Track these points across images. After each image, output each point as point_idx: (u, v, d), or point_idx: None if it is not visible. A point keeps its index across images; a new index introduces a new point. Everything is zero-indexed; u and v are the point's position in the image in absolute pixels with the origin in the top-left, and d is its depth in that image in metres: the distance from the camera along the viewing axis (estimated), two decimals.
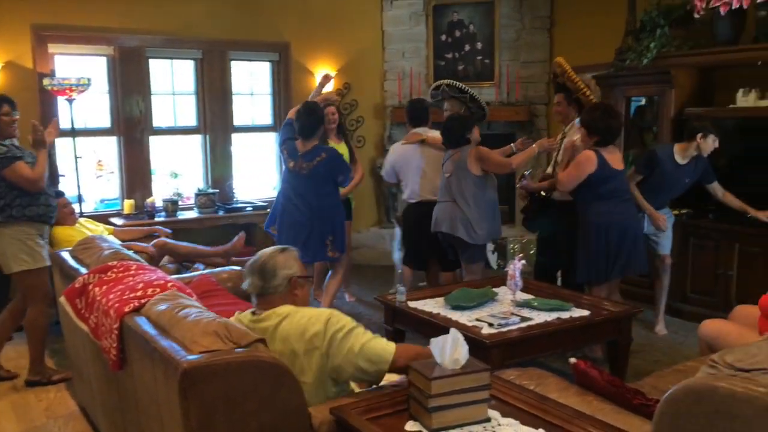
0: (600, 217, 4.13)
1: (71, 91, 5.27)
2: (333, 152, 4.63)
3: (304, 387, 2.09)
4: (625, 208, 4.22)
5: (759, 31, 4.71)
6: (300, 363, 2.18)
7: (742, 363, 1.69)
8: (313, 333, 2.19)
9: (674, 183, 4.56)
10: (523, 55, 6.95)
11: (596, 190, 4.12)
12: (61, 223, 4.50)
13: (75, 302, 2.87)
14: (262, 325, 2.27)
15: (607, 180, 4.11)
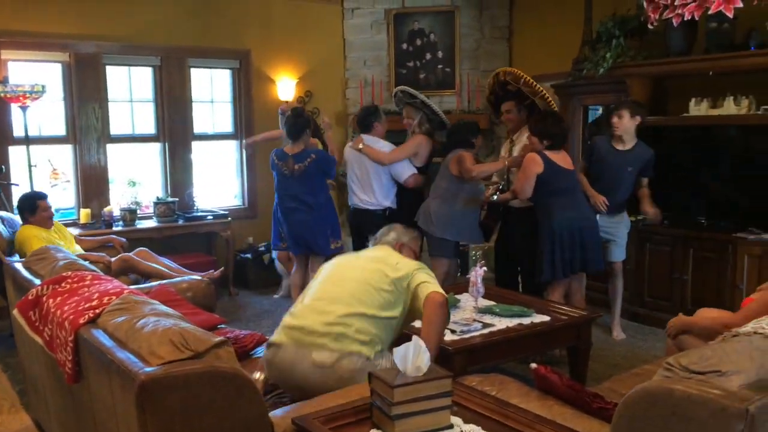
0: (554, 215, 4.25)
1: (25, 98, 5.15)
2: (320, 153, 4.93)
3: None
4: (579, 205, 4.35)
5: (710, 43, 4.85)
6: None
7: (697, 366, 1.72)
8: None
9: (616, 170, 4.63)
10: (483, 64, 7.03)
11: (548, 188, 4.24)
12: (35, 224, 4.56)
13: (29, 314, 2.79)
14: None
15: (557, 177, 4.23)
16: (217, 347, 2.04)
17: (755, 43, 4.63)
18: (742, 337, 1.90)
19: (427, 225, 4.64)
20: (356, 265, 2.84)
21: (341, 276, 2.79)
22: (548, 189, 4.24)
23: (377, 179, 4.93)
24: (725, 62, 4.75)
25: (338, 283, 2.75)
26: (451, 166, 4.62)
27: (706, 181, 5.06)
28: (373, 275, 2.70)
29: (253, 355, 3.20)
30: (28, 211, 4.69)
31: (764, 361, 1.74)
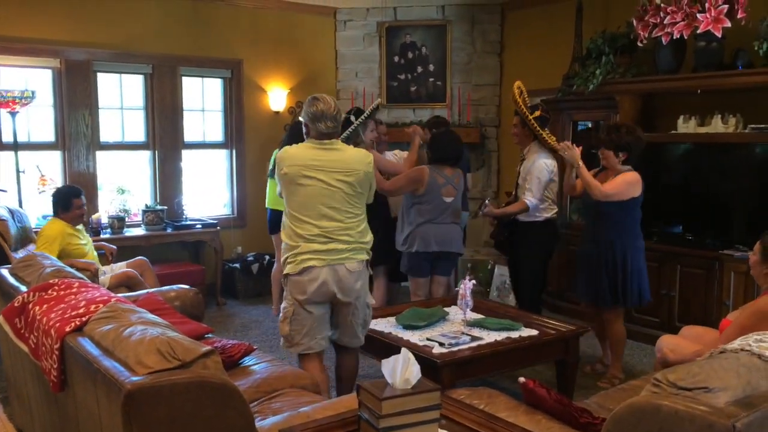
0: (639, 241, 4.18)
1: (14, 104, 5.12)
2: None
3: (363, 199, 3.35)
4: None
5: (698, 62, 4.90)
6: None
7: (685, 382, 1.73)
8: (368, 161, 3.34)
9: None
10: (475, 78, 7.07)
11: (634, 214, 4.13)
12: (65, 220, 4.61)
13: (14, 322, 2.77)
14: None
15: (640, 205, 4.16)
16: (205, 357, 2.03)
17: (743, 62, 4.69)
18: (729, 354, 1.91)
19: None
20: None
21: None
22: (634, 215, 4.13)
23: None
24: (713, 81, 4.80)
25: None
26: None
27: (693, 198, 5.10)
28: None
29: (241, 364, 3.18)
30: (62, 206, 4.70)
31: (751, 378, 1.76)
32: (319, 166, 3.21)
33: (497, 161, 7.12)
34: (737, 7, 4.57)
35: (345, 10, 7.14)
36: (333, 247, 3.19)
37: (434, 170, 4.47)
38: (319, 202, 3.19)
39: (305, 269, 3.18)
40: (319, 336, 3.28)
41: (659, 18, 4.90)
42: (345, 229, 3.23)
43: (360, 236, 3.28)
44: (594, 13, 5.85)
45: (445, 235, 4.49)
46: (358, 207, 3.30)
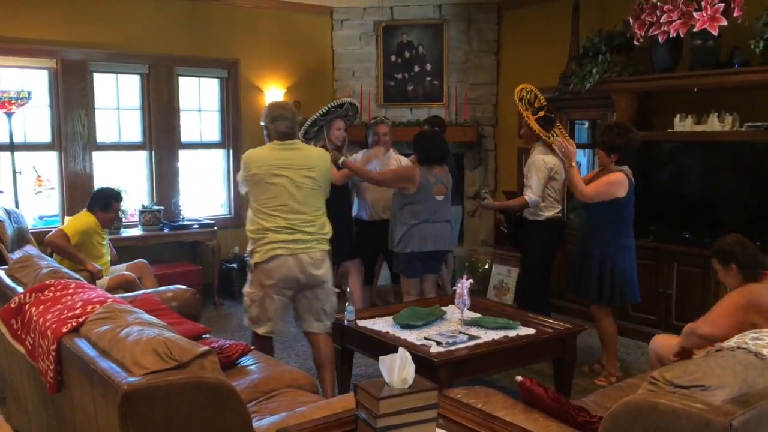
0: (626, 241, 4.20)
1: (11, 105, 5.12)
2: None
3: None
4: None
5: (694, 60, 4.90)
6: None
7: (681, 380, 1.73)
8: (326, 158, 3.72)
9: None
10: (471, 77, 7.07)
11: (622, 214, 4.15)
12: (98, 218, 4.69)
13: (11, 323, 2.76)
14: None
15: (630, 204, 4.18)
16: (202, 357, 2.02)
17: (739, 61, 4.70)
18: (726, 352, 1.91)
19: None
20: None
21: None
22: (621, 214, 4.15)
23: None
24: (709, 79, 4.81)
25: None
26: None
27: (690, 196, 5.11)
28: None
29: (238, 364, 3.18)
30: (100, 206, 4.75)
31: (747, 376, 1.76)
32: (286, 164, 3.54)
33: (494, 160, 7.12)
34: (733, 6, 4.57)
35: (341, 10, 7.13)
36: (298, 238, 3.52)
37: (424, 171, 4.51)
38: (287, 198, 3.51)
39: (272, 257, 3.48)
40: (281, 322, 3.63)
41: (656, 16, 4.90)
42: (309, 221, 3.57)
43: (321, 228, 3.64)
44: (590, 12, 5.85)
45: (440, 234, 4.55)
46: (320, 201, 3.65)
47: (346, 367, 3.88)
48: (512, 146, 6.89)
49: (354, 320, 3.71)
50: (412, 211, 4.48)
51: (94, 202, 4.78)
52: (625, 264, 4.18)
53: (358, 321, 3.72)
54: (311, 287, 3.59)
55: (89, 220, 4.71)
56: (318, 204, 3.62)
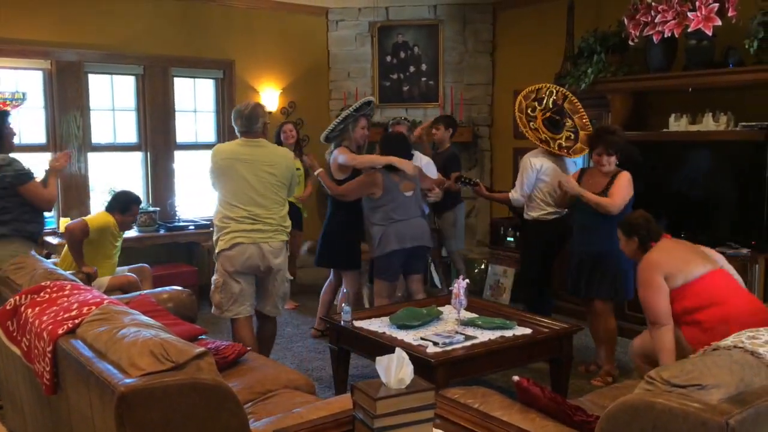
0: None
1: (5, 106, 5.09)
2: None
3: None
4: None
5: (689, 60, 4.92)
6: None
7: (678, 379, 1.74)
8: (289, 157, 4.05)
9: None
10: (467, 78, 7.08)
11: (626, 211, 4.17)
12: (117, 220, 4.70)
13: (6, 324, 2.75)
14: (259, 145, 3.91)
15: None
16: (198, 358, 2.02)
17: (733, 60, 4.71)
18: (722, 351, 1.92)
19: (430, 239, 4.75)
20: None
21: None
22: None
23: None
24: (704, 79, 4.82)
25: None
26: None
27: (684, 195, 5.12)
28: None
29: (235, 365, 3.17)
30: (119, 209, 4.75)
31: (744, 375, 1.76)
32: (249, 159, 3.84)
33: (490, 160, 7.13)
34: (728, 6, 4.59)
35: (337, 10, 7.13)
36: (258, 228, 3.81)
37: (387, 172, 4.54)
38: (250, 190, 3.80)
39: (234, 245, 3.78)
40: (246, 303, 3.91)
41: (650, 16, 4.91)
42: (269, 214, 3.85)
43: (282, 220, 3.92)
44: (585, 12, 5.86)
45: (417, 229, 4.55)
46: (281, 195, 3.93)
47: (343, 368, 3.88)
48: (508, 146, 6.90)
49: (350, 321, 3.71)
50: (385, 211, 4.50)
51: (114, 204, 4.78)
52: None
53: (354, 321, 3.72)
54: (269, 274, 3.89)
55: (109, 220, 4.71)
56: (278, 198, 3.90)
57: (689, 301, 3.24)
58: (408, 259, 4.56)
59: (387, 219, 4.49)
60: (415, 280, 4.71)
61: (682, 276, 3.27)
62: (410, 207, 4.55)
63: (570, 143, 4.73)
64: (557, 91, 4.84)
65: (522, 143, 6.70)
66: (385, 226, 4.48)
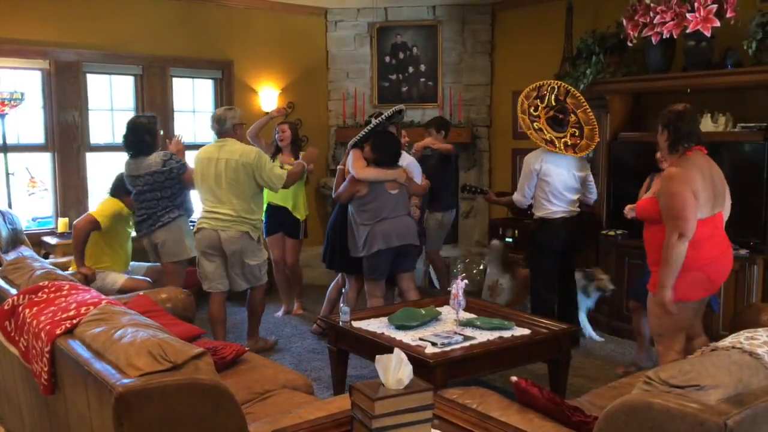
0: None
1: (3, 106, 5.10)
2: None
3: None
4: None
5: (688, 61, 4.92)
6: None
7: (676, 379, 1.74)
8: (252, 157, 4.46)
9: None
10: (466, 78, 7.08)
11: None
12: (124, 203, 4.76)
13: (4, 325, 2.75)
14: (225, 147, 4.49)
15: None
16: (196, 358, 2.02)
17: (732, 61, 4.72)
18: (721, 352, 1.92)
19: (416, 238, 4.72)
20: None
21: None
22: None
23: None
24: (702, 80, 4.82)
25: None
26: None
27: None
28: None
29: (233, 366, 3.17)
30: (125, 190, 4.76)
31: (742, 376, 1.76)
32: (213, 158, 4.49)
33: (489, 161, 7.13)
34: (726, 7, 4.59)
35: (336, 11, 7.13)
36: (217, 217, 4.47)
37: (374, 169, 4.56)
38: (212, 185, 4.50)
39: (199, 229, 4.54)
40: (216, 281, 4.61)
41: (649, 18, 4.91)
42: (226, 206, 4.47)
43: (243, 212, 4.49)
44: (584, 13, 5.86)
45: (403, 228, 4.53)
46: (241, 189, 4.47)
47: (342, 368, 3.88)
48: (506, 147, 6.90)
49: (349, 321, 3.71)
50: (369, 210, 4.50)
51: (117, 188, 4.79)
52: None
53: (353, 322, 3.72)
54: (228, 257, 4.53)
55: (118, 204, 4.72)
56: (238, 191, 4.46)
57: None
58: (396, 258, 4.55)
59: (373, 218, 4.48)
60: (405, 278, 4.69)
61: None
62: (396, 205, 4.53)
63: (575, 140, 4.75)
64: (559, 86, 4.86)
65: (521, 144, 6.72)
66: (371, 225, 4.47)
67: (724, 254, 3.36)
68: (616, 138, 5.39)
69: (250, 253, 4.57)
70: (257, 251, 4.62)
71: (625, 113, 5.45)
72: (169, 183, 4.65)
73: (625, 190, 5.32)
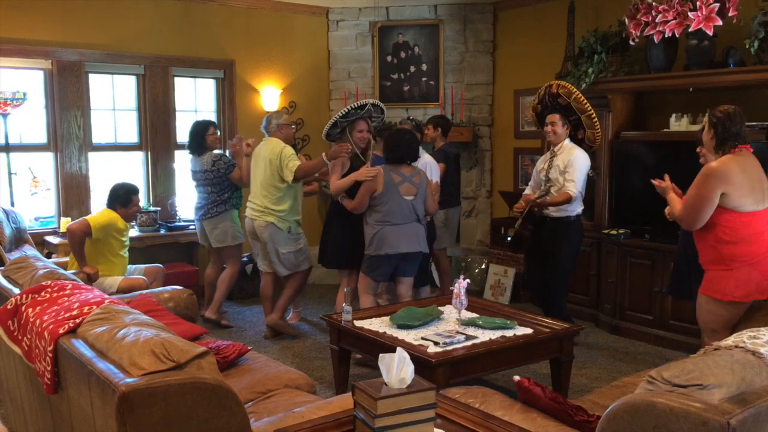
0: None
1: (6, 106, 5.11)
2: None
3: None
4: None
5: (690, 60, 4.92)
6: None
7: (679, 379, 1.74)
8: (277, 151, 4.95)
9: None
10: (467, 78, 7.08)
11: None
12: (121, 214, 4.81)
13: (7, 324, 2.75)
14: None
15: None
16: (199, 358, 2.02)
17: (734, 60, 4.71)
18: (723, 351, 1.92)
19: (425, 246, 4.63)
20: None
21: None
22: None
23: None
24: (705, 79, 4.82)
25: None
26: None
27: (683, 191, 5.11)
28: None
29: (236, 365, 3.18)
30: (121, 202, 4.79)
31: (745, 375, 1.76)
32: (258, 155, 5.08)
33: (490, 160, 7.13)
34: (728, 5, 4.59)
35: (337, 10, 7.13)
36: (252, 207, 5.06)
37: (390, 169, 4.44)
38: (254, 177, 5.11)
39: (244, 217, 5.18)
40: (260, 262, 5.25)
41: (651, 16, 4.91)
42: (259, 197, 5.01)
43: (273, 204, 4.97)
44: (586, 12, 5.86)
45: (412, 235, 4.44)
46: (272, 184, 4.95)
47: (344, 367, 3.88)
48: (508, 146, 6.90)
49: (351, 321, 3.71)
50: (381, 212, 4.40)
51: (113, 199, 4.81)
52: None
53: (354, 321, 3.72)
54: (266, 244, 5.03)
55: (111, 216, 4.74)
56: (270, 185, 4.96)
57: (722, 231, 3.26)
58: (399, 263, 4.49)
59: (381, 221, 4.40)
60: (403, 283, 4.61)
61: (736, 202, 3.23)
62: (408, 212, 4.42)
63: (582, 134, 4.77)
64: (550, 87, 4.77)
65: (523, 143, 6.73)
66: (380, 228, 4.40)
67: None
68: (618, 137, 5.38)
69: (281, 241, 5.00)
70: (288, 240, 5.03)
71: (627, 112, 5.44)
72: (217, 180, 5.32)
73: (627, 189, 5.33)
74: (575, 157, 4.57)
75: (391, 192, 4.40)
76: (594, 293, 5.52)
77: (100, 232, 4.63)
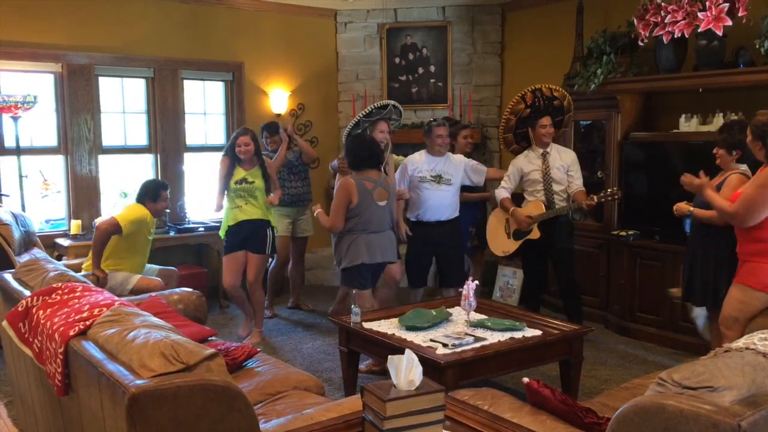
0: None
1: (17, 109, 5.14)
2: None
3: None
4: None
5: (699, 60, 4.89)
6: None
7: (689, 381, 1.73)
8: None
9: None
10: (475, 79, 7.07)
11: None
12: (150, 209, 4.80)
13: (18, 326, 2.77)
14: None
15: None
16: (209, 359, 2.03)
17: (744, 60, 4.69)
18: (734, 353, 1.90)
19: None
20: None
21: None
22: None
23: None
24: (714, 79, 4.80)
25: None
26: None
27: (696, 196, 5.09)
28: None
29: (245, 367, 3.18)
30: (150, 198, 4.83)
31: (756, 377, 1.75)
32: None
33: (499, 162, 7.12)
34: (738, 6, 4.56)
35: (345, 12, 7.15)
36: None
37: (357, 177, 4.28)
38: None
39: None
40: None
41: (660, 17, 4.89)
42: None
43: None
44: (595, 13, 5.85)
45: (387, 244, 4.36)
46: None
47: (353, 369, 3.88)
48: None
49: (359, 322, 3.72)
50: (356, 222, 4.26)
51: (144, 194, 4.85)
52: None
53: (363, 323, 3.72)
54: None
55: (142, 211, 4.77)
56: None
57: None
58: (377, 269, 4.45)
59: (358, 230, 4.26)
60: (390, 267, 4.65)
61: None
62: (383, 219, 4.32)
63: None
64: (539, 90, 5.01)
65: None
66: (356, 236, 4.26)
67: None
68: (628, 138, 5.37)
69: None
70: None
71: (636, 113, 5.42)
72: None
73: (636, 190, 5.31)
74: (575, 157, 4.91)
75: (367, 200, 4.25)
76: (603, 295, 5.51)
77: (131, 226, 4.65)
